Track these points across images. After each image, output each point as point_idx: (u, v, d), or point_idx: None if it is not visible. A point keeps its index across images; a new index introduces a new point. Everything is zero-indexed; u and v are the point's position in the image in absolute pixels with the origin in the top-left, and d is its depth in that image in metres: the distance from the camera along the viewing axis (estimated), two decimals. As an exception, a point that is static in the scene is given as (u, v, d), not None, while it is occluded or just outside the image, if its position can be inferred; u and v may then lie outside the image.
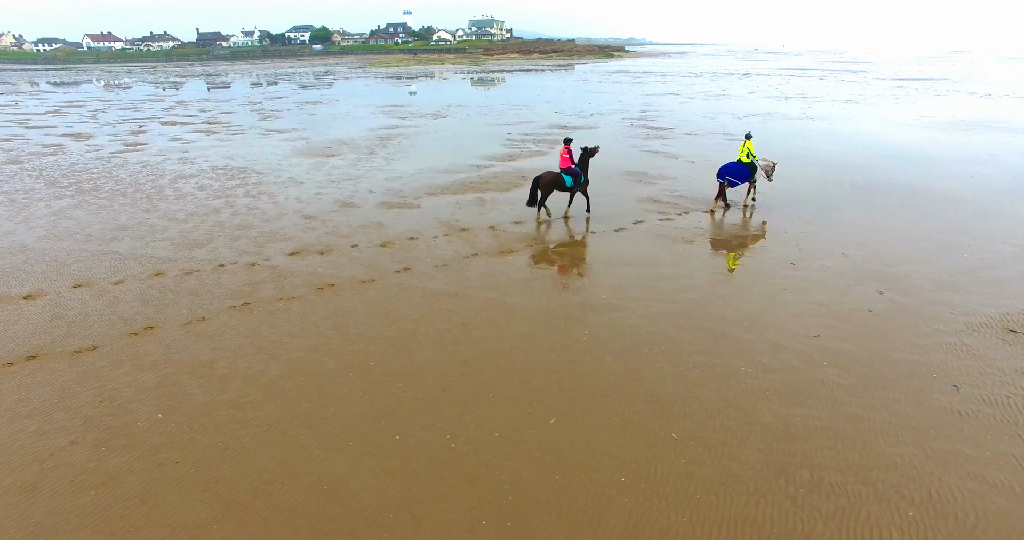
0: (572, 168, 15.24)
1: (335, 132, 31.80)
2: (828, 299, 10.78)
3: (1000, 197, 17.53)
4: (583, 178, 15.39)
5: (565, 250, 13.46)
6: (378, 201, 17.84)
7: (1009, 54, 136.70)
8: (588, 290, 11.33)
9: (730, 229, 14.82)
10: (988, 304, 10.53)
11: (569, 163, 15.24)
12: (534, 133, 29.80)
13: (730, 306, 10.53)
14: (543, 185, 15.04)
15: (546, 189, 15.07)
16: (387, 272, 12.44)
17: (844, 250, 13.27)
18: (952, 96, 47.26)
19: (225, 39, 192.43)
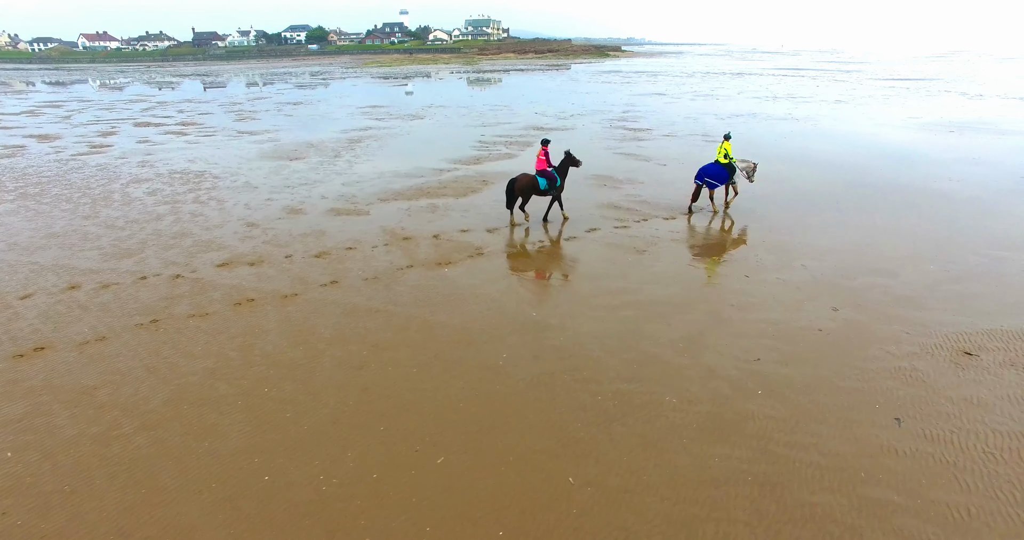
0: (548, 171, 14.61)
1: (307, 134, 31.04)
2: (777, 317, 10.01)
3: (978, 203, 16.75)
4: (559, 182, 14.75)
5: (506, 262, 12.68)
6: (328, 207, 17.08)
7: (1007, 54, 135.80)
8: (519, 306, 10.56)
9: (688, 237, 14.04)
10: (947, 322, 9.76)
11: (546, 165, 14.61)
12: (508, 135, 29.03)
13: (669, 325, 9.76)
14: (518, 189, 14.47)
15: (522, 193, 14.51)
16: (313, 286, 11.68)
17: (806, 260, 12.50)
18: (943, 96, 46.46)
19: (221, 39, 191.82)
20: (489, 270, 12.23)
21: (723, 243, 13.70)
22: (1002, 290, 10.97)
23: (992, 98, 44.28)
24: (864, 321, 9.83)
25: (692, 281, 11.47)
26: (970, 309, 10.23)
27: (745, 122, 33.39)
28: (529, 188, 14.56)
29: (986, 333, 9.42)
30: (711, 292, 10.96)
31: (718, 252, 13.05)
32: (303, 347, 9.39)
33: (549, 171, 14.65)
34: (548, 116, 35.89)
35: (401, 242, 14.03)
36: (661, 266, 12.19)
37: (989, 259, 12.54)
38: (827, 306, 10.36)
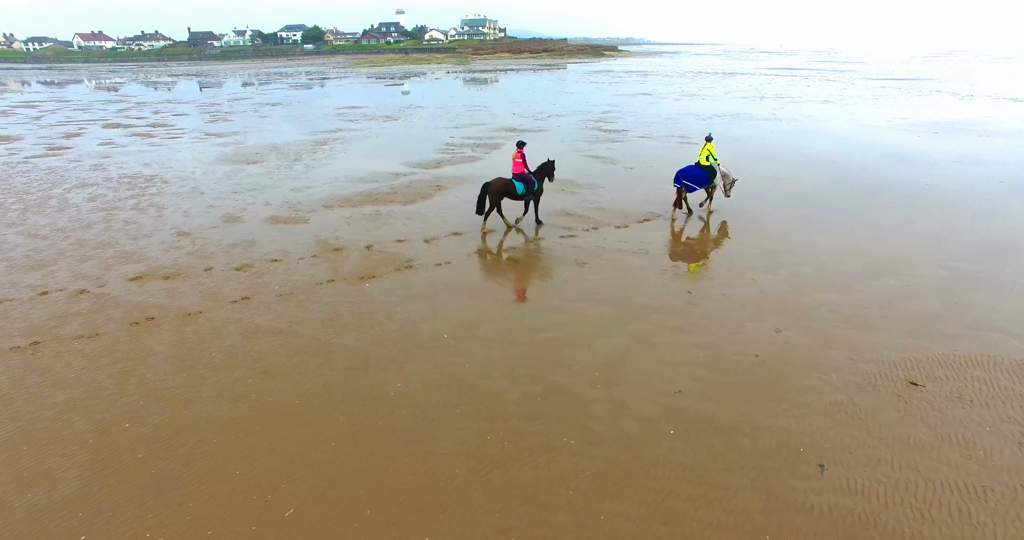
0: (525, 174, 14.05)
1: (275, 136, 30.18)
2: (713, 340, 9.14)
3: (950, 209, 15.87)
4: (536, 185, 14.19)
5: (433, 276, 11.82)
6: (268, 215, 16.22)
7: (1004, 54, 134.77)
8: (431, 327, 9.69)
9: (636, 247, 13.15)
10: (897, 346, 8.89)
11: (522, 168, 14.04)
12: (478, 137, 28.16)
13: (590, 350, 8.90)
14: (492, 192, 13.82)
15: (495, 197, 13.85)
16: (222, 302, 10.83)
17: (758, 273, 11.63)
18: (934, 97, 45.55)
19: (217, 39, 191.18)
20: (412, 285, 11.36)
21: (672, 253, 12.82)
22: (962, 309, 10.09)
23: (983, 98, 43.37)
24: (807, 345, 8.96)
25: (628, 298, 10.59)
26: (925, 331, 9.35)
27: (727, 123, 32.51)
28: (502, 192, 13.91)
29: (938, 359, 8.55)
30: (646, 311, 10.08)
31: (664, 264, 12.17)
32: (186, 374, 8.53)
33: (526, 174, 14.06)
34: (525, 117, 35.00)
35: (330, 253, 13.17)
36: (598, 281, 11.31)
37: (954, 273, 11.66)
38: (770, 327, 9.48)
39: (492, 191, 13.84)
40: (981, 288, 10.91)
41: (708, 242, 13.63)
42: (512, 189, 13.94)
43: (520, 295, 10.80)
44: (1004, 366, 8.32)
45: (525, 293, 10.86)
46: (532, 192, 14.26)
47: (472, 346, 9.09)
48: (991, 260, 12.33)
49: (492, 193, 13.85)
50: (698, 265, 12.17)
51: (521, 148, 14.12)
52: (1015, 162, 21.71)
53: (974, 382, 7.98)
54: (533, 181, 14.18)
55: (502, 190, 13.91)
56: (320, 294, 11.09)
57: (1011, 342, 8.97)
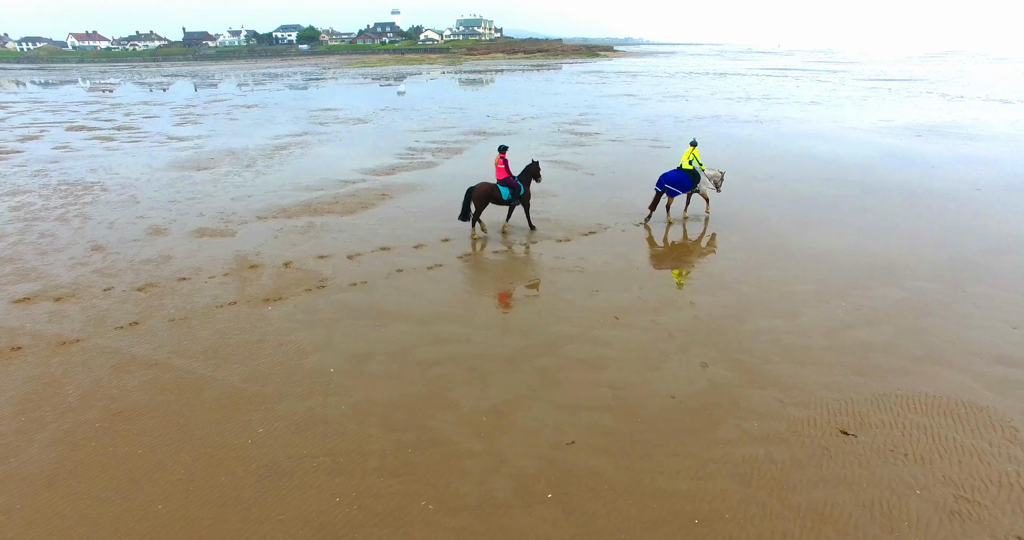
0: (510, 179, 13.66)
1: (237, 140, 29.19)
2: (627, 377, 8.16)
3: (916, 221, 14.90)
4: (522, 190, 13.81)
5: (343, 299, 10.84)
6: (196, 228, 15.24)
7: (1001, 54, 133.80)
8: (319, 359, 8.72)
9: (573, 264, 12.16)
10: (834, 385, 7.91)
11: (506, 174, 13.63)
12: (444, 141, 27.17)
13: (484, 389, 7.93)
14: (476, 197, 13.43)
15: (479, 202, 13.45)
16: (107, 329, 9.86)
17: (697, 296, 10.65)
18: (923, 98, 44.58)
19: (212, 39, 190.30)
20: (317, 309, 10.38)
21: (608, 272, 11.83)
22: (912, 338, 9.12)
23: (972, 100, 42.38)
24: (733, 383, 7.98)
25: (545, 325, 9.61)
26: (868, 365, 8.38)
27: (706, 125, 31.55)
28: (486, 197, 13.51)
29: (877, 401, 7.57)
30: (561, 341, 9.10)
31: (598, 284, 11.18)
32: (26, 417, 7.56)
33: (512, 179, 13.66)
34: (498, 120, 34.01)
35: (244, 271, 12.20)
36: (519, 305, 10.34)
37: (911, 294, 10.68)
38: (697, 360, 8.51)
39: (476, 196, 13.40)
40: (937, 312, 9.93)
41: (651, 258, 12.65)
42: (497, 194, 13.58)
43: (426, 322, 9.81)
44: (949, 410, 7.34)
45: (433, 320, 9.88)
46: (519, 197, 13.85)
47: (356, 383, 8.12)
48: (952, 277, 11.36)
49: (476, 198, 13.40)
50: (636, 284, 11.18)
51: (503, 153, 13.65)
52: (995, 165, 20.73)
53: (913, 430, 7.00)
54: (519, 185, 13.75)
55: (486, 195, 13.49)
56: (216, 319, 10.12)
57: (960, 379, 8.00)
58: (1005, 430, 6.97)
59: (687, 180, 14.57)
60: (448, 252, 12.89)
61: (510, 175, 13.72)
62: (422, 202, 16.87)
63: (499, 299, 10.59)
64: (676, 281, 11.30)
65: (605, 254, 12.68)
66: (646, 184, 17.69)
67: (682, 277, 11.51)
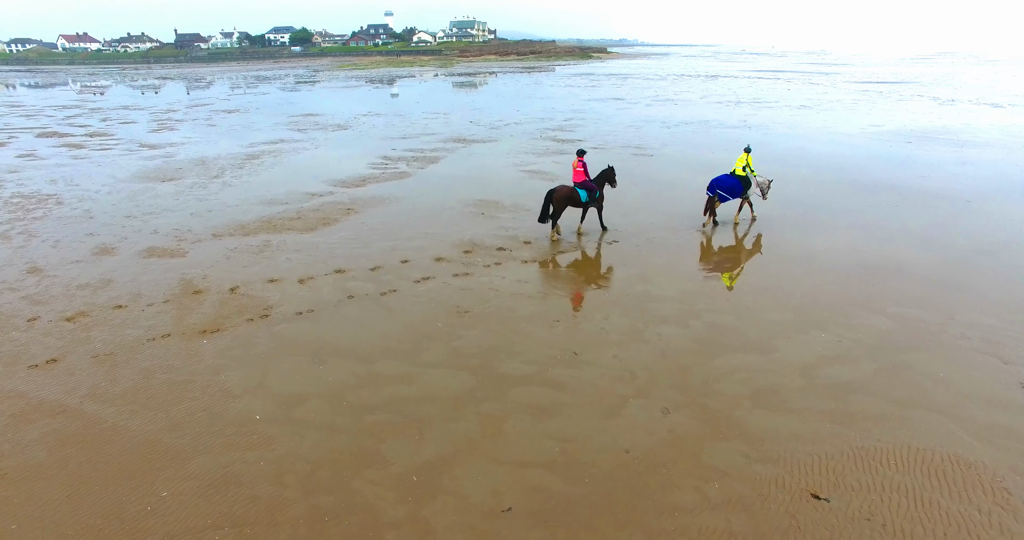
0: (587, 182, 14.06)
1: (210, 148, 28.32)
2: (580, 427, 7.38)
3: (901, 240, 14.19)
4: (598, 193, 14.29)
5: (285, 330, 10.03)
6: (147, 246, 14.41)
7: (993, 56, 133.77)
8: (247, 403, 7.93)
9: (536, 289, 11.39)
10: (807, 435, 7.16)
11: (584, 177, 14.04)
12: (422, 149, 26.36)
13: (420, 443, 7.14)
14: (556, 200, 13.76)
15: (559, 204, 13.80)
16: (19, 368, 9.04)
17: (665, 326, 9.88)
18: (914, 101, 44.02)
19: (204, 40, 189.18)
20: (255, 343, 9.58)
21: (568, 297, 11.05)
22: (895, 375, 8.38)
23: (963, 103, 41.82)
24: (696, 434, 7.22)
25: (497, 362, 8.83)
26: (846, 411, 7.63)
27: (693, 130, 30.87)
28: (566, 200, 13.89)
29: (854, 455, 6.82)
30: (511, 382, 8.32)
31: (560, 312, 10.41)
32: (-98, 480, 6.74)
33: (588, 182, 14.07)
34: (481, 126, 33.24)
35: (187, 298, 11.39)
36: (471, 338, 9.55)
37: (896, 322, 9.95)
38: (658, 406, 7.75)
39: (556, 198, 13.74)
40: (923, 345, 9.19)
41: (620, 282, 11.88)
42: (576, 197, 13.97)
43: (369, 359, 9.01)
44: (934, 467, 6.60)
45: (377, 356, 9.08)
46: (595, 199, 14.26)
47: (282, 433, 7.33)
48: (941, 302, 10.65)
49: (556, 200, 13.75)
50: (601, 313, 10.41)
51: (581, 157, 14.06)
52: (985, 176, 20.08)
53: (893, 493, 6.25)
54: (595, 188, 14.15)
55: (566, 198, 13.87)
56: (144, 355, 9.31)
57: (947, 427, 7.26)
58: (996, 493, 6.23)
59: (739, 186, 14.69)
60: (405, 275, 12.10)
61: (588, 178, 14.07)
62: (387, 218, 16.08)
63: (451, 331, 9.80)
64: (643, 309, 10.53)
65: (572, 277, 11.91)
66: (621, 196, 17.04)
67: (651, 304, 10.73)
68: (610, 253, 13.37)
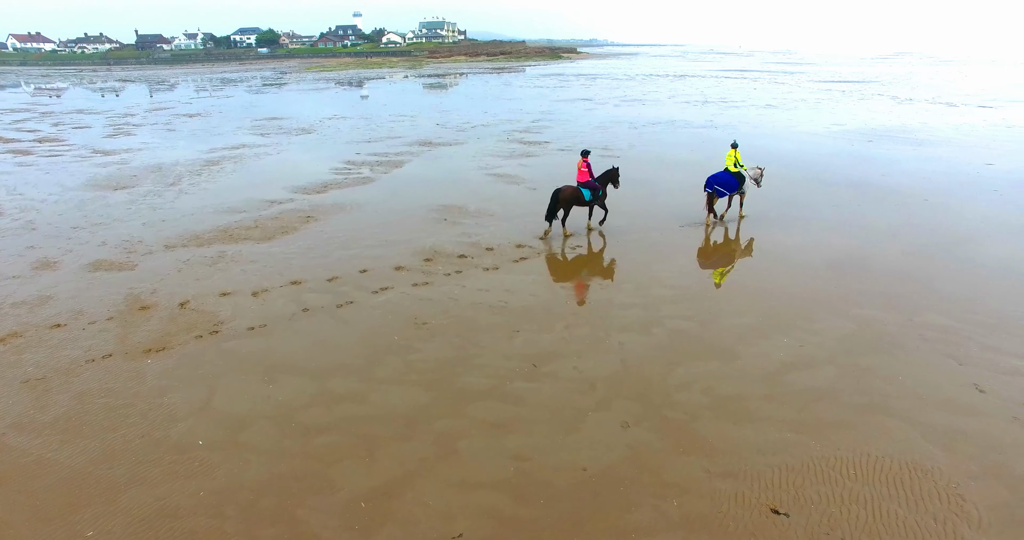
0: (590, 182, 14.48)
1: (167, 154, 27.44)
2: (536, 444, 7.15)
3: (864, 239, 14.31)
4: (601, 191, 14.71)
5: (235, 347, 9.62)
6: (93, 259, 13.78)
7: (946, 56, 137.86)
8: (190, 427, 7.52)
9: (497, 298, 11.12)
10: (769, 446, 7.04)
11: (587, 176, 14.45)
12: (386, 153, 25.91)
13: (371, 465, 6.84)
14: (562, 200, 14.19)
15: (565, 204, 14.27)
16: (-57, 395, 8.46)
17: (628, 335, 9.71)
18: (875, 100, 44.96)
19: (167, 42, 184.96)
20: (203, 361, 9.15)
21: (534, 307, 10.82)
22: (856, 380, 8.34)
23: (920, 102, 42.85)
24: (657, 448, 7.05)
25: (454, 376, 8.56)
26: (808, 419, 7.54)
27: (660, 131, 30.99)
28: (572, 199, 14.30)
29: (815, 466, 6.72)
30: (468, 397, 8.06)
31: (520, 322, 10.16)
32: None
33: (591, 181, 14.46)
34: (448, 128, 32.89)
35: (133, 314, 10.87)
36: (428, 351, 9.26)
37: (858, 325, 9.95)
38: (618, 420, 7.56)
39: (563, 198, 14.16)
40: (884, 348, 9.20)
41: (583, 288, 11.71)
42: (580, 196, 14.33)
43: (322, 376, 8.66)
44: (893, 476, 6.53)
45: (330, 372, 8.74)
46: (598, 198, 14.65)
47: (225, 459, 6.96)
48: (901, 302, 10.70)
49: (563, 200, 14.17)
50: (562, 321, 10.21)
51: (586, 157, 14.50)
52: (942, 173, 20.46)
53: (852, 505, 6.15)
54: (598, 187, 14.55)
55: (572, 197, 14.26)
56: (81, 378, 8.82)
57: (905, 433, 7.22)
58: (951, 500, 6.18)
59: (734, 181, 15.16)
60: (363, 286, 11.75)
61: (592, 178, 14.46)
62: (348, 225, 15.68)
63: (407, 344, 9.49)
64: (606, 316, 10.35)
65: (535, 284, 11.70)
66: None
67: (613, 311, 10.56)
68: (573, 258, 13.20)
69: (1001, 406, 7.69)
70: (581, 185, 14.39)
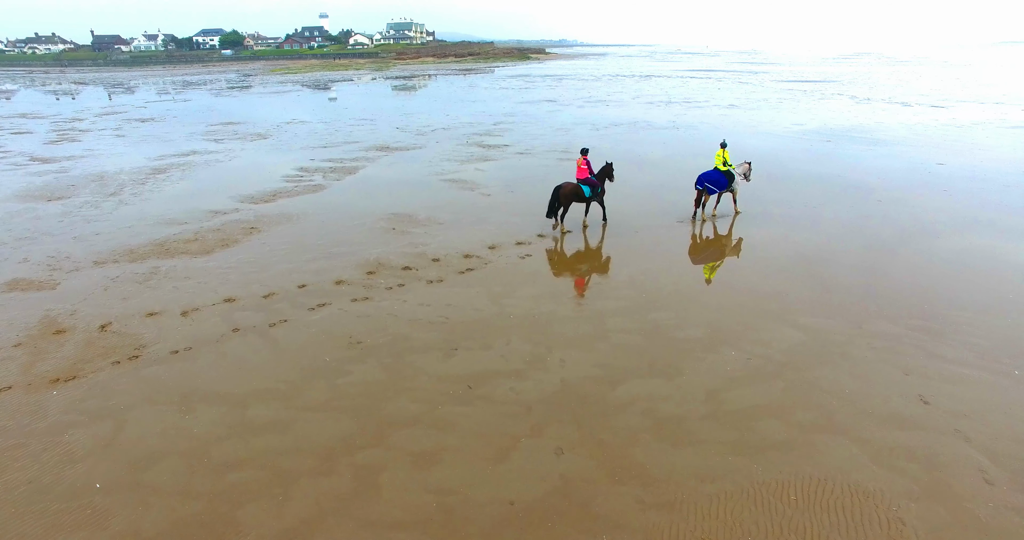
0: (589, 178, 14.89)
1: (113, 161, 26.31)
2: (464, 475, 6.72)
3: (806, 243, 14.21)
4: (600, 188, 15.08)
5: (156, 371, 8.97)
6: (10, 278, 12.92)
7: (903, 57, 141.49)
8: (89, 468, 6.90)
9: (437, 314, 10.65)
10: (706, 472, 6.70)
11: (587, 173, 14.88)
12: (341, 158, 25.21)
13: (283, 504, 6.32)
14: (562, 196, 14.65)
15: (565, 201, 14.70)
16: None
17: (570, 351, 9.34)
18: (834, 100, 45.61)
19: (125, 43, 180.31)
20: (114, 392, 8.49)
21: (475, 322, 10.37)
22: (802, 394, 8.08)
23: (878, 102, 43.58)
24: (590, 477, 6.66)
25: (381, 403, 8.06)
26: (751, 440, 7.23)
27: (622, 132, 30.83)
28: (572, 196, 14.71)
29: (755, 492, 6.40)
30: (394, 425, 7.57)
31: (459, 339, 9.71)
32: None
33: (590, 178, 14.86)
34: (407, 132, 32.26)
35: (45, 339, 10.13)
36: (357, 375, 8.74)
37: (807, 334, 9.74)
38: (552, 446, 7.16)
39: (563, 195, 14.59)
40: (831, 359, 8.98)
41: (529, 300, 11.30)
42: (580, 192, 14.73)
43: (243, 403, 8.10)
44: (834, 501, 6.24)
45: (253, 399, 8.18)
46: (597, 194, 14.99)
47: (123, 505, 6.36)
48: (851, 309, 10.53)
49: (563, 197, 14.60)
50: (503, 337, 9.79)
51: (585, 155, 14.87)
52: (896, 171, 20.61)
53: (790, 534, 5.84)
54: (597, 184, 14.94)
55: (572, 193, 14.68)
56: (-25, 413, 8.09)
57: (848, 451, 6.96)
58: (892, 525, 5.92)
59: (724, 180, 15.55)
60: (300, 303, 11.17)
61: (592, 175, 14.86)
62: (292, 237, 15.04)
63: (338, 367, 8.97)
64: (548, 332, 9.95)
65: (478, 297, 11.25)
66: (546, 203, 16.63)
67: (556, 326, 10.17)
68: (521, 268, 12.78)
69: (943, 419, 7.50)
70: (581, 182, 14.79)
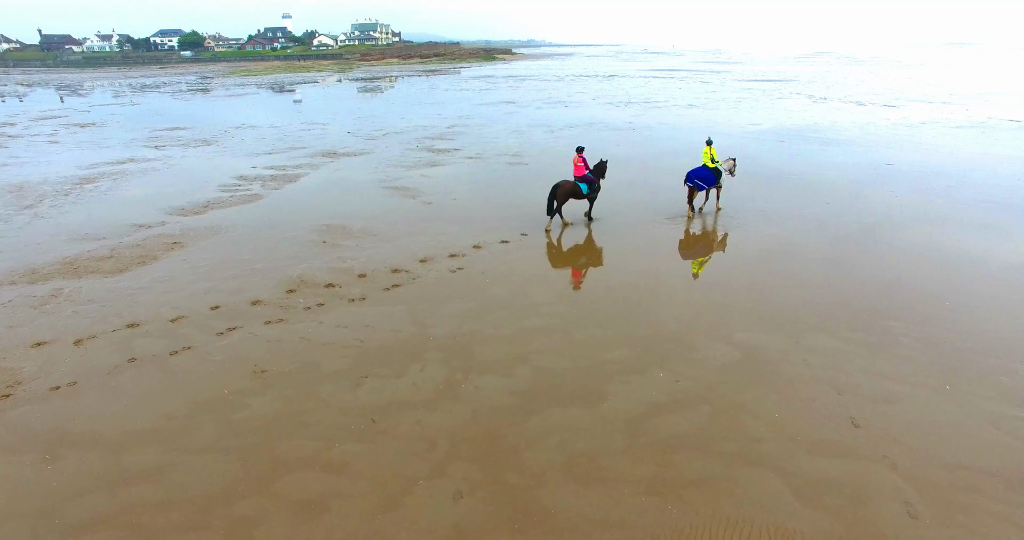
0: (587, 176, 15.27)
1: (38, 170, 24.84)
2: (350, 526, 6.07)
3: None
4: (597, 184, 15.48)
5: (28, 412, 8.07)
6: None
7: (860, 56, 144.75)
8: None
9: (354, 336, 9.95)
10: (614, 518, 6.18)
11: (584, 171, 15.26)
12: (284, 165, 24.22)
13: (143, 572, 5.59)
14: (560, 194, 14.93)
15: (563, 198, 15.02)
16: None
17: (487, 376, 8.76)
18: (791, 100, 46.01)
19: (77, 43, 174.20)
20: None
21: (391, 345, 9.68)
22: (729, 422, 7.61)
23: (834, 101, 44.08)
24: (486, 526, 6.07)
25: (274, 441, 7.34)
26: (667, 476, 6.72)
27: (576, 134, 30.38)
28: (570, 193, 15.06)
29: (667, 538, 5.88)
30: (285, 467, 6.88)
31: (371, 365, 9.02)
32: None
33: (588, 175, 15.24)
34: (358, 136, 31.30)
35: (-86, 374, 9.13)
36: (257, 407, 8.02)
37: (742, 352, 9.30)
38: (452, 488, 6.54)
39: (561, 193, 14.88)
40: (764, 379, 8.55)
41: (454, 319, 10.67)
42: (578, 190, 15.12)
43: (121, 447, 7.31)
44: (749, 543, 5.75)
45: (133, 442, 7.39)
46: (594, 191, 15.44)
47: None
48: (788, 321, 10.16)
49: (561, 195, 14.89)
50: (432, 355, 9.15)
51: (580, 153, 15.26)
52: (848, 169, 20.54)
53: (699, 586, 5.32)
54: (594, 180, 15.31)
55: (570, 191, 15.04)
56: None
57: (772, 485, 6.49)
58: (811, 572, 5.44)
59: (712, 176, 15.89)
60: (209, 327, 10.36)
61: (588, 171, 15.25)
62: (216, 252, 14.15)
63: (236, 399, 8.22)
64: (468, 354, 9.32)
65: (399, 317, 10.57)
66: (488, 211, 16.08)
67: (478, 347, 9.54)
68: (451, 283, 12.13)
69: (872, 444, 7.11)
70: (578, 180, 15.16)
